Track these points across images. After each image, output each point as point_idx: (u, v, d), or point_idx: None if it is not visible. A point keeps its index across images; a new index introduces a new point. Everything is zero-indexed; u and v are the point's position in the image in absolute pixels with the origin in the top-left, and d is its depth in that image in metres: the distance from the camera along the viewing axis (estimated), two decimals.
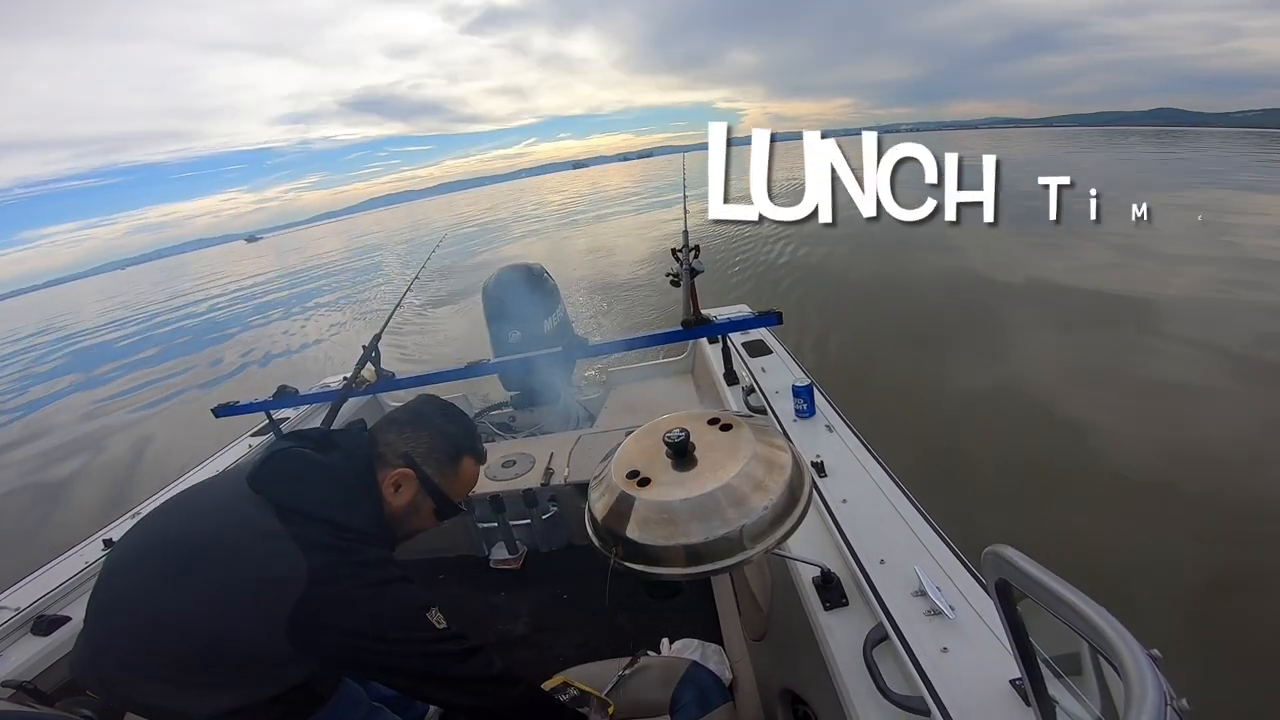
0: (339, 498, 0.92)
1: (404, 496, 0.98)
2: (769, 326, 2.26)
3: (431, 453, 0.99)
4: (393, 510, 0.98)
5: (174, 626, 0.85)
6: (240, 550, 0.86)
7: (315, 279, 18.31)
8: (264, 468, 0.91)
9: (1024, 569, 0.55)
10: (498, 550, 2.24)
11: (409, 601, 0.89)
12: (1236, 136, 48.37)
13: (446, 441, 1.01)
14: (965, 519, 2.64)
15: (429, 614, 0.89)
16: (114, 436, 6.89)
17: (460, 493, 1.03)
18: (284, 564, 0.84)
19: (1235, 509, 2.94)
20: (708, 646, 1.69)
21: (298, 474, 0.92)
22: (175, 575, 0.87)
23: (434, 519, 1.03)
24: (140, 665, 0.86)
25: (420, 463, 0.98)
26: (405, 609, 0.89)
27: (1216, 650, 2.20)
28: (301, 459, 0.94)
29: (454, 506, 1.03)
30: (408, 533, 1.03)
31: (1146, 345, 5.05)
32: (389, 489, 0.97)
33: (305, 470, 0.92)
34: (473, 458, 1.04)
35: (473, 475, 1.05)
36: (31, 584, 1.62)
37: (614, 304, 8.05)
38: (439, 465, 1.00)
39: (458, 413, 1.07)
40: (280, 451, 0.94)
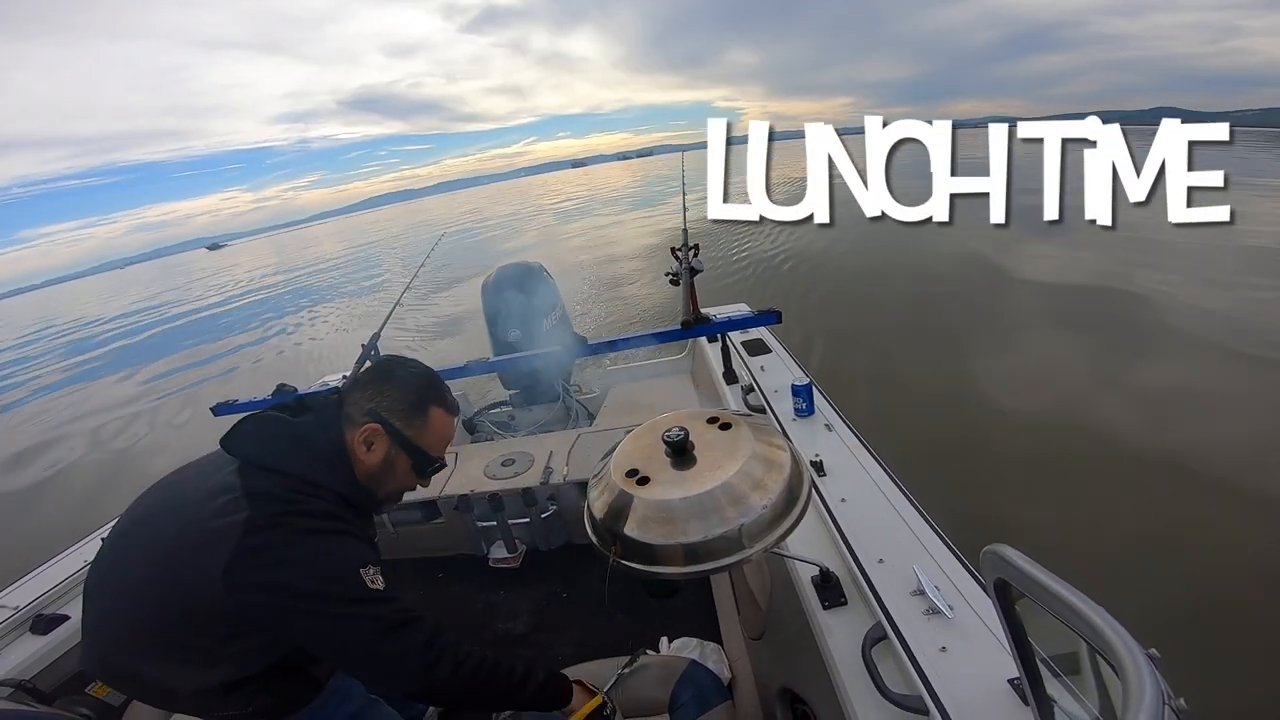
0: (305, 455, 0.91)
1: (377, 454, 0.96)
2: (768, 325, 2.26)
3: (397, 406, 0.96)
4: (368, 469, 0.96)
5: (143, 595, 0.86)
6: (194, 508, 0.86)
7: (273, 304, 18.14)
8: (235, 430, 0.92)
9: (1022, 568, 0.55)
10: (497, 549, 2.24)
11: (342, 553, 0.86)
12: (1239, 136, 48.11)
13: (411, 393, 0.98)
14: (971, 515, 2.65)
15: (364, 570, 0.85)
16: (112, 435, 6.89)
17: (435, 445, 1.00)
18: (227, 516, 0.83)
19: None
20: (706, 645, 1.69)
21: (266, 434, 0.92)
22: (143, 545, 0.89)
23: (414, 476, 1.01)
24: (127, 643, 0.88)
25: (386, 417, 0.95)
26: (335, 560, 0.85)
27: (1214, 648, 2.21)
28: (272, 420, 0.94)
29: (431, 460, 1.00)
30: (390, 493, 1.01)
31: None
32: (360, 448, 0.95)
33: (274, 430, 0.92)
34: (441, 408, 1.00)
35: (444, 425, 1.01)
36: (30, 583, 1.62)
37: (613, 303, 8.05)
38: (406, 417, 0.97)
39: (422, 366, 1.04)
40: (252, 415, 0.95)
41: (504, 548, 2.23)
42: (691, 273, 2.25)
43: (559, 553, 2.25)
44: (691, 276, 2.25)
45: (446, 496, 2.17)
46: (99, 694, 1.45)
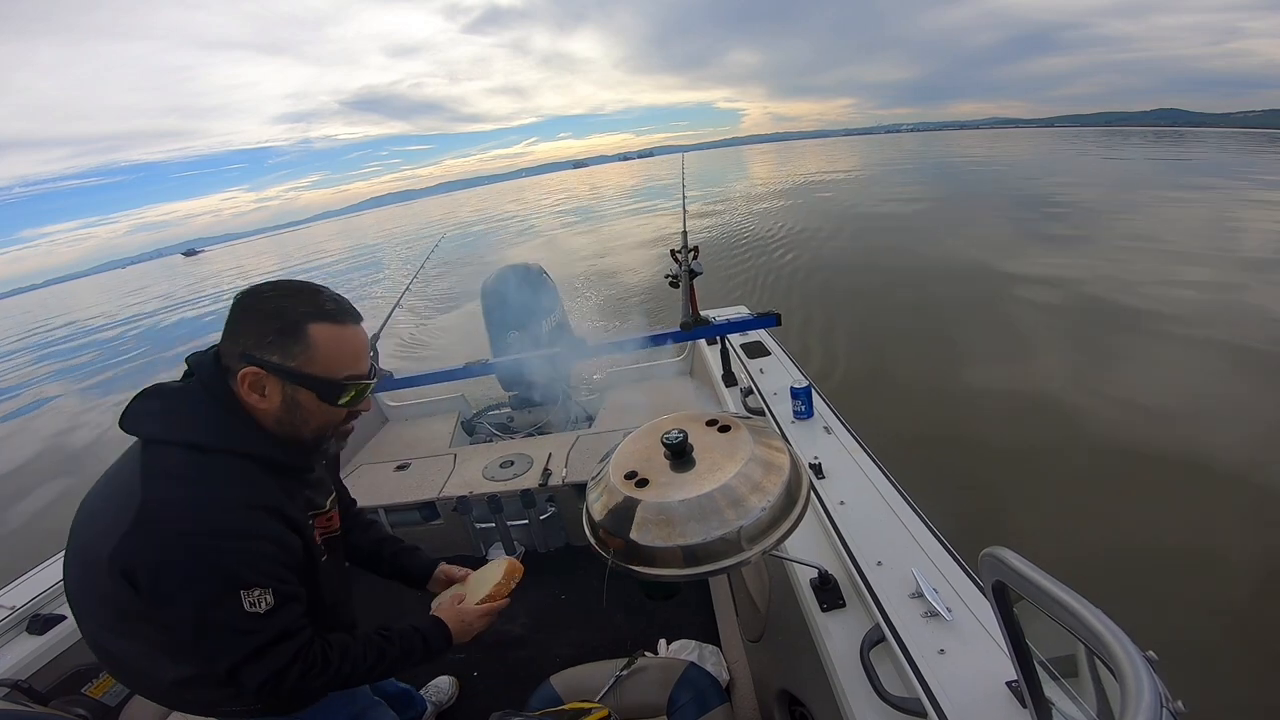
0: (191, 415, 0.82)
1: (273, 398, 0.84)
2: (767, 328, 2.26)
3: (264, 338, 0.82)
4: (273, 416, 0.85)
5: (76, 587, 0.84)
6: (104, 493, 0.83)
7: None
8: (128, 406, 0.85)
9: (1021, 571, 0.55)
10: (495, 550, 2.24)
11: (228, 570, 0.77)
12: (1237, 136, 48.43)
13: (275, 317, 0.83)
14: (973, 516, 2.66)
15: (247, 592, 0.77)
16: (111, 434, 6.88)
17: (335, 364, 0.86)
18: (125, 495, 0.77)
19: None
20: (705, 647, 1.69)
21: (153, 405, 0.84)
22: (74, 532, 0.85)
23: (328, 408, 0.88)
24: (92, 633, 0.86)
25: (259, 354, 0.82)
26: (220, 577, 0.77)
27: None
28: (156, 391, 0.86)
29: (338, 385, 0.86)
30: (314, 433, 0.89)
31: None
32: (252, 397, 0.83)
33: (161, 401, 0.84)
34: (322, 321, 0.84)
35: (334, 340, 0.85)
36: (27, 583, 1.62)
37: (613, 303, 8.06)
38: (282, 347, 0.82)
39: (286, 284, 0.87)
40: (144, 391, 0.86)
41: (503, 549, 2.23)
42: (691, 275, 2.26)
43: (557, 554, 2.25)
44: (691, 279, 2.26)
45: (445, 498, 2.17)
46: (96, 693, 1.45)
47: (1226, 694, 2.01)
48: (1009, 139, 73.92)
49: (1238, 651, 2.23)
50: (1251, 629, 2.33)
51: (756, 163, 50.36)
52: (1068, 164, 25.70)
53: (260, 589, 0.79)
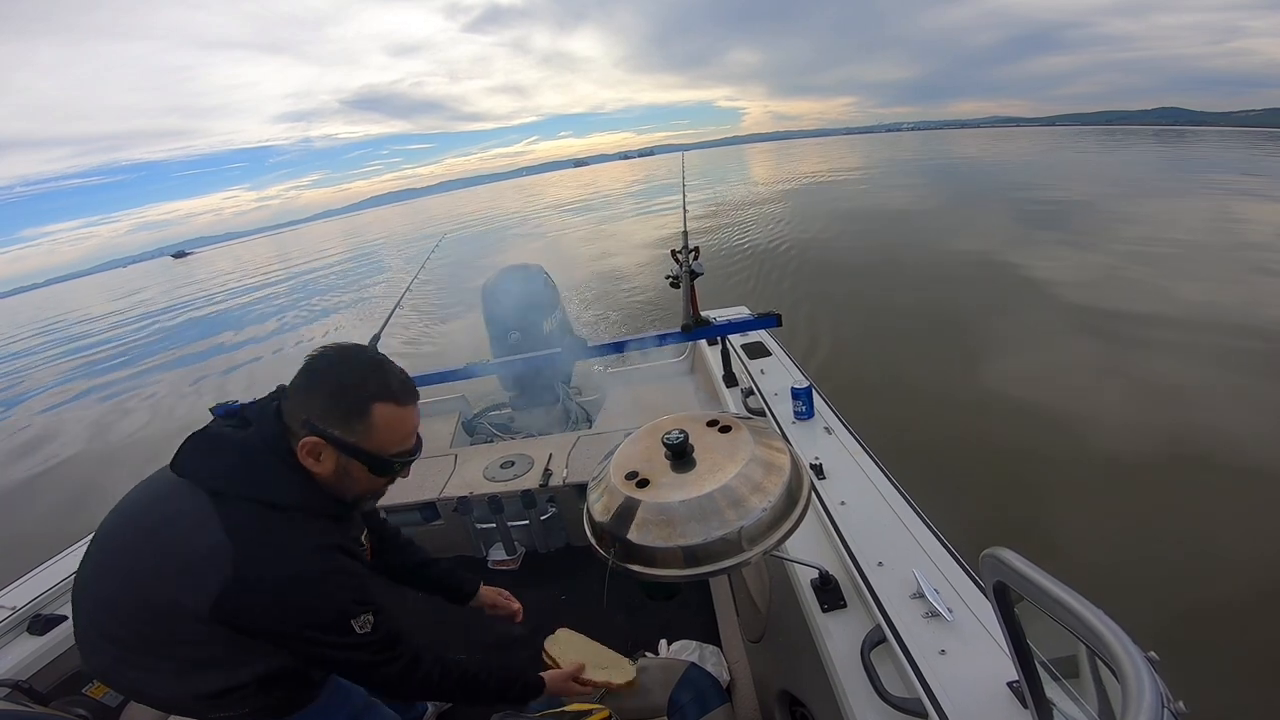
0: (261, 474, 0.86)
1: (327, 465, 0.89)
2: (768, 328, 2.26)
3: (330, 411, 0.87)
4: (324, 479, 0.90)
5: (125, 616, 0.86)
6: (171, 532, 0.84)
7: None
8: (182, 451, 0.88)
9: (1022, 571, 0.55)
10: (496, 551, 2.24)
11: (336, 605, 0.86)
12: (1239, 135, 48.33)
13: (344, 395, 0.88)
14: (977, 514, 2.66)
15: (355, 620, 0.87)
16: (110, 434, 6.89)
17: (386, 444, 0.91)
18: (210, 548, 0.81)
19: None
20: (705, 648, 1.69)
21: (218, 457, 0.88)
22: (116, 563, 0.88)
23: (377, 479, 0.94)
24: (116, 657, 0.88)
25: (321, 425, 0.87)
26: (331, 612, 0.86)
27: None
28: (216, 437, 0.89)
29: (387, 463, 0.92)
30: (357, 496, 0.95)
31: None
32: (308, 460, 0.88)
33: (221, 448, 0.88)
34: (385, 402, 0.89)
35: (394, 420, 0.90)
36: (27, 583, 1.62)
37: (613, 304, 8.06)
38: (344, 422, 0.87)
39: (358, 357, 0.92)
40: (198, 435, 0.90)
41: (503, 550, 2.23)
42: (692, 276, 2.26)
43: (558, 555, 2.25)
44: (692, 279, 2.25)
45: (446, 498, 2.17)
46: (96, 694, 1.45)
47: (1228, 694, 2.01)
48: (1010, 138, 73.90)
49: (1239, 652, 2.23)
50: (1252, 629, 2.33)
51: (757, 162, 50.39)
52: (1070, 164, 25.67)
53: (364, 614, 0.88)
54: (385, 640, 0.91)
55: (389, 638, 0.92)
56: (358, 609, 0.87)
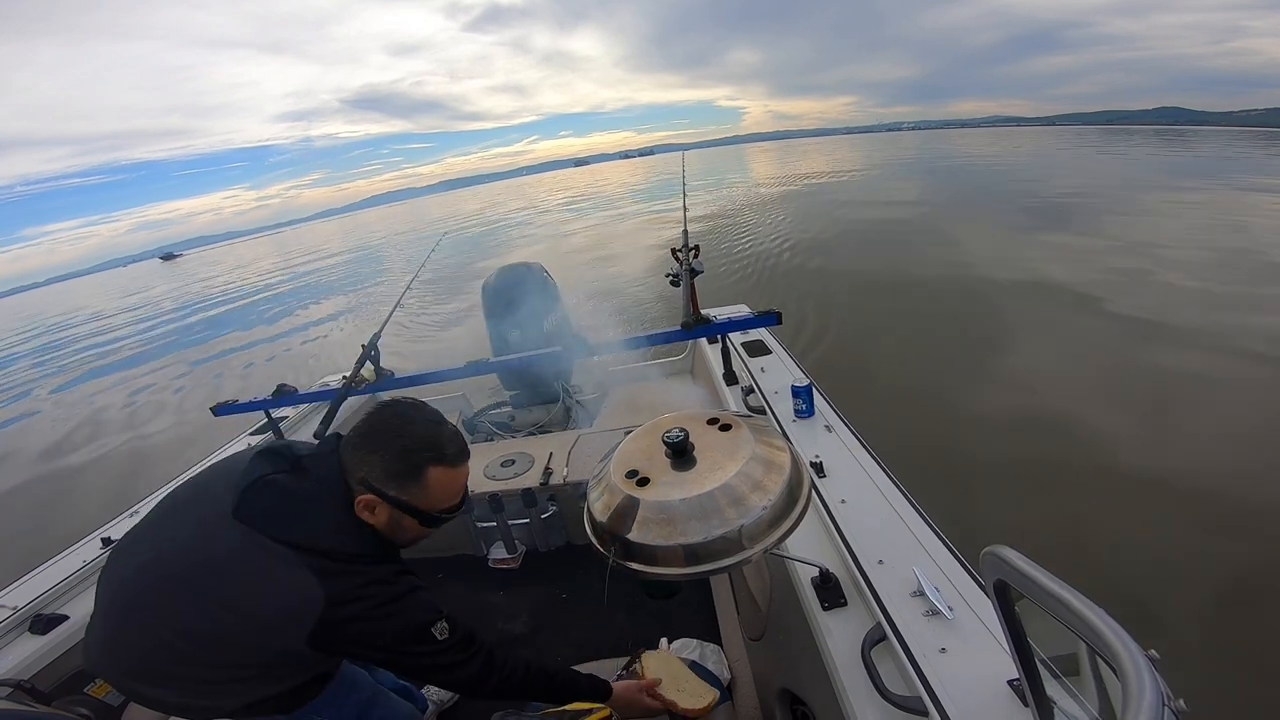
0: (329, 527, 0.93)
1: (380, 518, 0.96)
2: (768, 326, 2.26)
3: (388, 473, 0.94)
4: (378, 528, 0.97)
5: (204, 641, 0.89)
6: (256, 575, 0.89)
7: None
8: (246, 501, 0.92)
9: (1022, 570, 0.55)
10: (496, 549, 2.24)
11: (416, 621, 0.94)
12: (1241, 135, 48.22)
13: (401, 458, 0.95)
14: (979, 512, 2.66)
15: (434, 628, 0.95)
16: (111, 434, 6.89)
17: (437, 503, 0.98)
18: (303, 590, 0.87)
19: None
20: (706, 646, 1.69)
21: (281, 507, 0.93)
22: (188, 593, 0.90)
23: (425, 529, 1.01)
24: (169, 672, 0.91)
25: (378, 485, 0.94)
26: (413, 628, 0.94)
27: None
28: (281, 492, 0.94)
29: (435, 518, 0.99)
30: (406, 542, 1.03)
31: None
32: (364, 513, 0.95)
33: (286, 503, 0.93)
34: (439, 465, 0.96)
35: (445, 482, 0.98)
36: (29, 583, 1.62)
37: (613, 302, 8.04)
38: (399, 483, 0.95)
39: (415, 418, 0.98)
40: (258, 483, 0.94)
41: (504, 548, 2.24)
42: (692, 274, 2.26)
43: (558, 553, 2.25)
44: (692, 278, 2.25)
45: None
46: (98, 694, 1.45)
47: (1228, 694, 2.01)
48: (1011, 137, 73.79)
49: (1239, 651, 2.23)
50: (1253, 628, 2.33)
51: (758, 162, 50.40)
52: (1073, 163, 25.62)
53: (439, 622, 0.95)
54: (462, 641, 0.98)
55: (465, 639, 0.99)
56: (434, 617, 0.95)
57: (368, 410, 1.00)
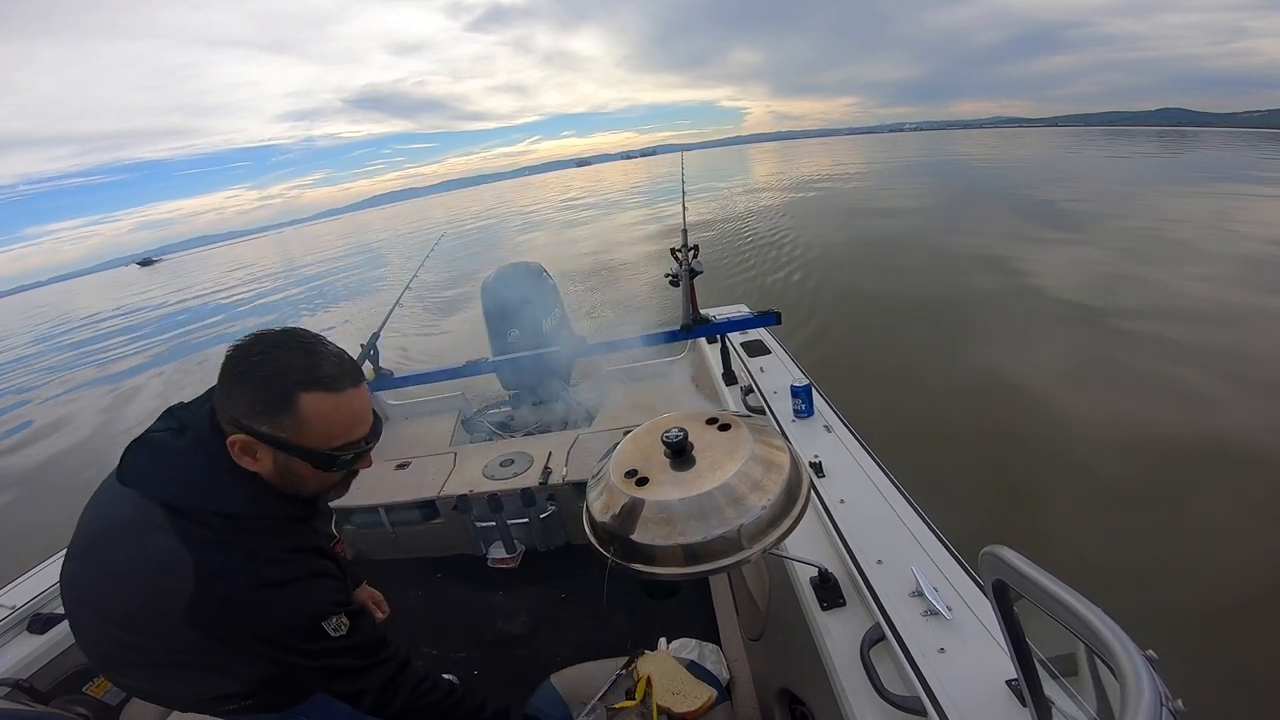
0: (207, 484, 0.80)
1: (264, 463, 0.82)
2: (768, 326, 2.26)
3: (254, 405, 0.79)
4: (268, 478, 0.83)
5: (121, 622, 0.82)
6: (135, 546, 0.80)
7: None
8: (124, 462, 0.82)
9: (1021, 570, 0.55)
10: (495, 549, 2.24)
11: (305, 610, 0.81)
12: (1242, 136, 48.21)
13: (264, 386, 0.79)
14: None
15: (327, 623, 0.82)
16: (110, 434, 6.89)
17: (325, 438, 0.82)
18: (173, 562, 0.77)
19: None
20: (705, 646, 1.69)
21: (156, 464, 0.82)
22: (89, 571, 0.84)
23: (327, 475, 0.86)
24: (125, 658, 0.86)
25: (247, 421, 0.79)
26: (299, 618, 0.81)
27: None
28: (157, 448, 0.83)
29: (329, 457, 0.83)
30: (311, 494, 0.88)
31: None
32: (244, 459, 0.81)
33: (161, 459, 0.82)
34: (313, 391, 0.79)
35: (326, 412, 0.81)
36: (27, 582, 1.62)
37: (613, 301, 8.06)
38: (268, 415, 0.79)
39: (284, 342, 0.82)
40: (136, 441, 0.84)
41: (503, 548, 2.24)
42: (691, 274, 2.26)
43: (557, 553, 2.25)
44: (691, 278, 2.25)
45: (445, 497, 2.17)
46: (96, 693, 1.45)
47: (1229, 693, 2.01)
48: (1012, 138, 73.73)
49: (1240, 651, 2.23)
50: (1254, 628, 2.33)
51: (760, 162, 50.41)
52: (1076, 164, 25.60)
53: (336, 617, 0.83)
54: (365, 645, 0.86)
55: (370, 643, 0.87)
56: (330, 610, 0.83)
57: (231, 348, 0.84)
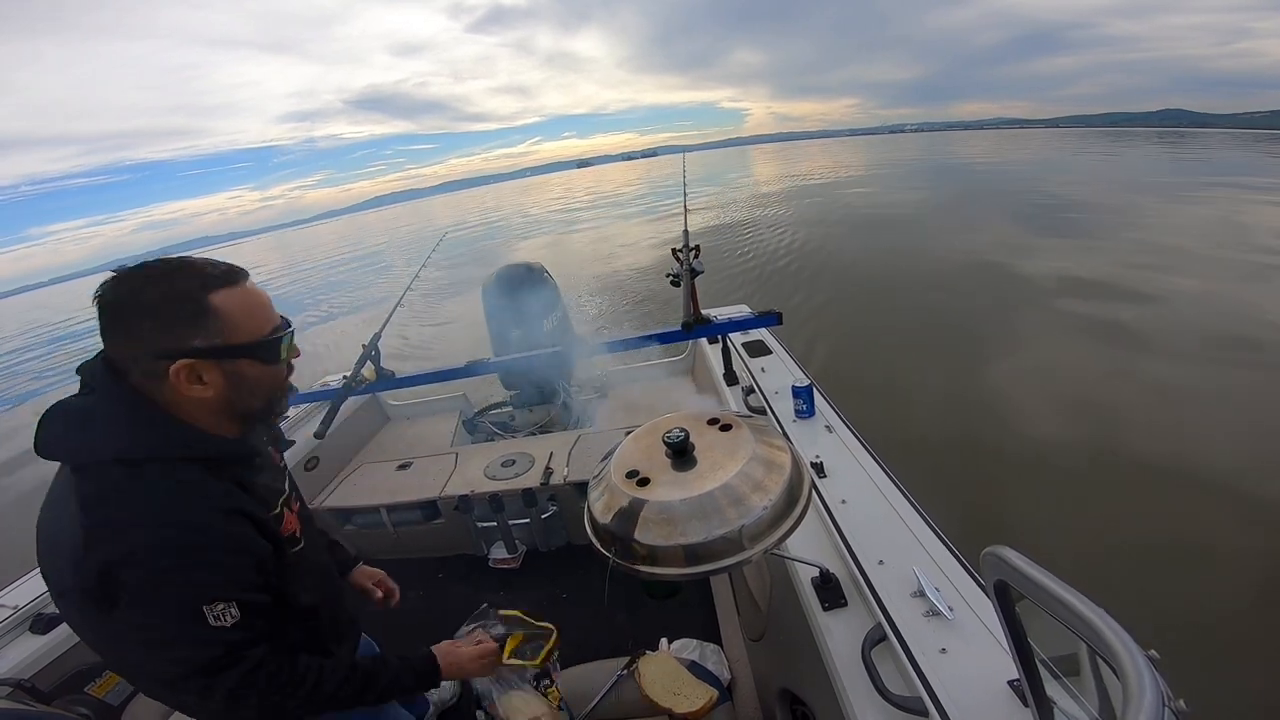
0: (115, 431, 0.75)
1: (215, 381, 0.78)
2: (769, 327, 2.25)
3: (174, 327, 0.75)
4: (222, 399, 0.79)
5: (58, 598, 0.80)
6: (55, 518, 0.78)
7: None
8: (38, 433, 0.77)
9: (1022, 570, 0.55)
10: (497, 549, 2.24)
11: (187, 583, 0.73)
12: (1244, 136, 48.15)
13: (173, 305, 0.74)
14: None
15: (209, 608, 0.73)
16: None
17: (258, 326, 0.80)
18: (70, 528, 0.73)
19: None
20: (706, 646, 1.69)
21: (70, 426, 0.77)
22: (42, 555, 0.81)
23: (272, 369, 0.83)
24: (88, 640, 0.83)
25: (178, 345, 0.75)
26: (173, 590, 0.73)
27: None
28: (68, 411, 0.78)
29: (272, 343, 0.81)
30: (265, 400, 0.85)
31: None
32: (194, 389, 0.76)
33: (74, 419, 0.77)
34: (216, 289, 0.76)
35: (242, 301, 0.79)
36: (29, 582, 1.62)
37: (614, 302, 8.06)
38: (196, 329, 0.75)
39: (150, 272, 0.76)
40: (47, 411, 0.79)
41: (504, 548, 2.24)
42: (692, 274, 2.25)
43: (559, 553, 2.25)
44: (692, 278, 2.25)
45: (447, 497, 2.17)
46: (98, 693, 1.45)
47: (1229, 693, 2.00)
48: (1013, 139, 73.67)
49: (1240, 651, 2.22)
50: (1254, 628, 2.32)
51: (761, 163, 50.40)
52: (1079, 165, 25.56)
53: (224, 602, 0.74)
54: (240, 643, 0.77)
55: (238, 643, 0.77)
56: (217, 593, 0.74)
57: (95, 298, 0.76)
